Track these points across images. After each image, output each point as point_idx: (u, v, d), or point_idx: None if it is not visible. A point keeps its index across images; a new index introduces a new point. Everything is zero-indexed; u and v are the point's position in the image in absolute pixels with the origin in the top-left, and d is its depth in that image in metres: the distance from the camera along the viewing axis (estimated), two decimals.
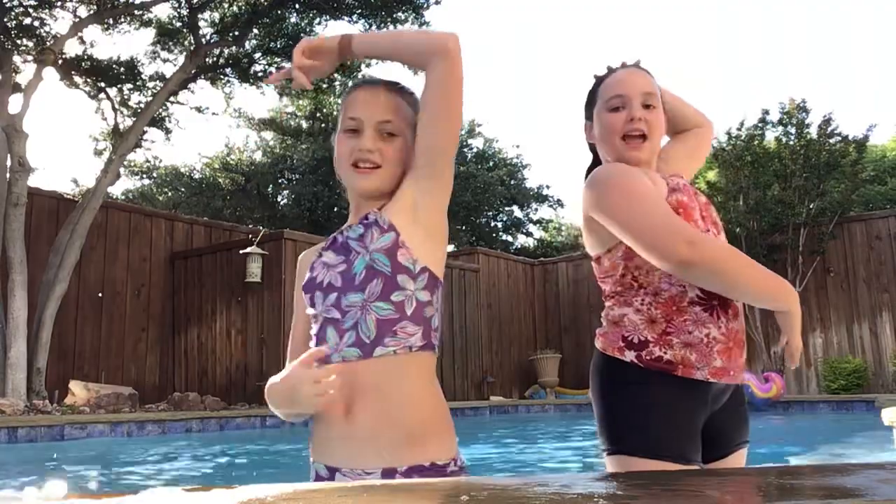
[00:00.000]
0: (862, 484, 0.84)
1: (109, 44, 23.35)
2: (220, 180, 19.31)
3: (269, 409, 1.49)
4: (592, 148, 1.88)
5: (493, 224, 20.87)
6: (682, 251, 1.50)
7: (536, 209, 21.20)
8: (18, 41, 9.98)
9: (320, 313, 1.48)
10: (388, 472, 1.34)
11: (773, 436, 7.30)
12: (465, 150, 20.80)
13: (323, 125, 18.32)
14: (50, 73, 10.05)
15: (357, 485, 0.91)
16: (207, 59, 11.35)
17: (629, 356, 1.62)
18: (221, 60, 11.78)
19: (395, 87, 1.58)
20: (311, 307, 1.50)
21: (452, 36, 1.44)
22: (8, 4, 9.66)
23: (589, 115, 1.85)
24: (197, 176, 19.70)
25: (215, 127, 49.46)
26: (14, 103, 9.06)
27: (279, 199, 19.76)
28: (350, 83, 1.76)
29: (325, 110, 17.52)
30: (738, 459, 1.69)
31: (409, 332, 1.42)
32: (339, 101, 1.71)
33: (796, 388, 11.76)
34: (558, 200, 20.99)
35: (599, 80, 1.83)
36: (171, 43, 11.48)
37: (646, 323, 1.62)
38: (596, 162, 1.87)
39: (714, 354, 1.61)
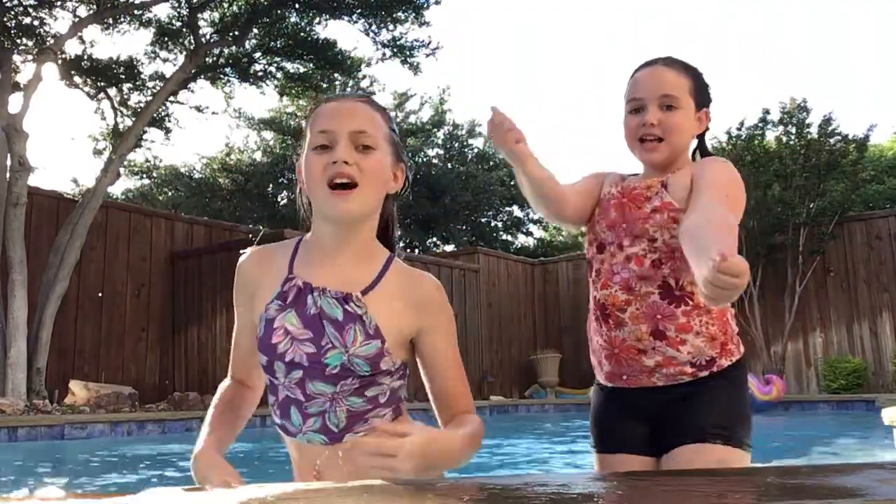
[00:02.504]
0: (862, 484, 0.84)
1: (109, 44, 23.35)
2: (219, 180, 19.30)
3: (268, 409, 1.47)
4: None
5: (493, 224, 20.87)
6: None
7: None
8: (18, 41, 9.97)
9: (280, 385, 1.38)
10: None
11: (774, 436, 7.30)
12: (466, 150, 20.80)
13: None
14: (50, 72, 10.05)
15: (357, 485, 0.91)
16: (207, 59, 11.34)
17: None
18: (221, 60, 11.77)
19: (367, 100, 1.42)
20: (268, 372, 1.38)
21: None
22: (8, 4, 9.66)
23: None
24: (197, 176, 19.70)
25: (215, 127, 49.44)
26: (14, 103, 9.07)
27: (279, 199, 19.75)
28: (350, 83, 1.55)
29: None
30: (697, 453, 1.62)
31: (381, 416, 1.37)
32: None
33: (796, 388, 11.75)
34: None
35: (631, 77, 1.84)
36: (170, 43, 11.47)
37: None
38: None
39: (603, 360, 1.75)
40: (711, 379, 1.67)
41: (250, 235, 10.31)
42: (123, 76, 11.24)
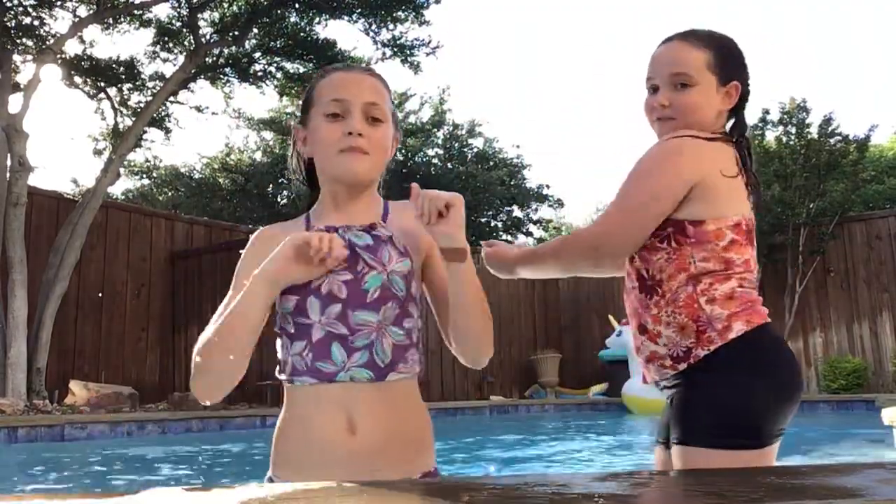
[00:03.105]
0: (862, 484, 0.84)
1: (109, 44, 23.33)
2: (219, 180, 19.30)
3: (269, 409, 1.47)
4: None
5: (493, 224, 20.85)
6: None
7: (536, 209, 21.18)
8: (18, 41, 9.97)
9: (316, 324, 1.36)
10: None
11: None
12: (466, 150, 20.79)
13: None
14: (50, 72, 10.06)
15: (357, 485, 0.91)
16: (207, 59, 11.35)
17: None
18: (221, 60, 11.77)
19: (374, 72, 1.49)
20: (297, 314, 1.38)
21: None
22: (8, 4, 9.66)
23: None
24: (197, 176, 19.70)
25: (215, 127, 49.51)
26: (14, 103, 9.07)
27: (279, 199, 19.75)
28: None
29: None
30: (675, 456, 1.60)
31: (416, 360, 1.41)
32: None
33: None
34: (558, 200, 20.96)
35: None
36: (170, 43, 11.48)
37: None
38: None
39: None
40: (690, 371, 1.59)
41: (250, 235, 10.30)
42: (123, 76, 11.25)
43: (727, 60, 1.69)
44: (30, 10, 10.05)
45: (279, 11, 11.18)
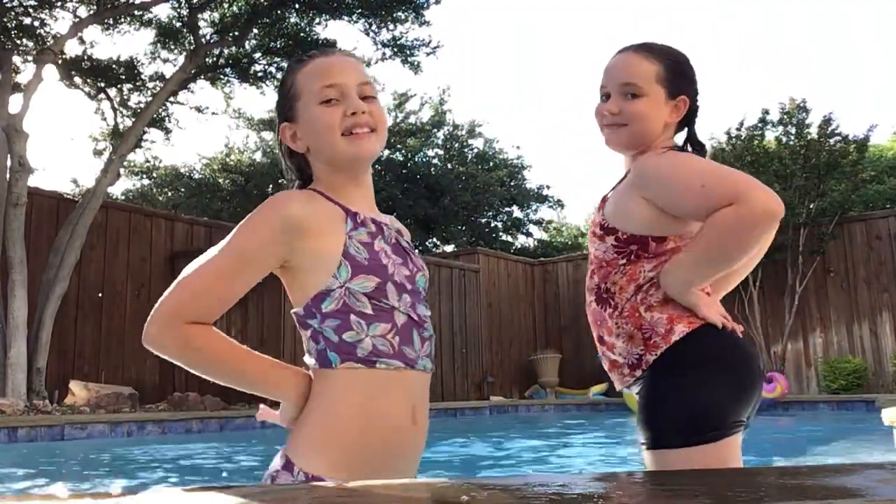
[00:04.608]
0: (862, 484, 0.84)
1: (109, 44, 23.34)
2: (219, 181, 19.30)
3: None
4: None
5: (493, 224, 20.86)
6: None
7: (536, 209, 21.19)
8: (18, 41, 9.97)
9: (397, 310, 1.34)
10: None
11: (773, 436, 7.30)
12: (466, 150, 20.78)
13: None
14: (50, 73, 10.06)
15: (357, 484, 0.91)
16: (207, 59, 11.35)
17: None
18: (221, 60, 11.78)
19: (352, 53, 1.52)
20: (377, 296, 1.32)
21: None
22: (8, 4, 9.66)
23: None
24: (197, 176, 19.70)
25: (215, 127, 49.45)
26: (14, 103, 9.07)
27: None
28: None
29: None
30: (646, 460, 1.62)
31: None
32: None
33: (796, 388, 11.76)
34: (558, 201, 20.97)
35: None
36: (170, 43, 11.48)
37: None
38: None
39: None
40: (645, 378, 1.64)
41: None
42: (123, 76, 11.25)
43: (677, 75, 1.74)
44: (30, 10, 10.05)
45: (279, 12, 11.18)
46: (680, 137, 1.81)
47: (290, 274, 1.39)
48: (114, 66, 11.11)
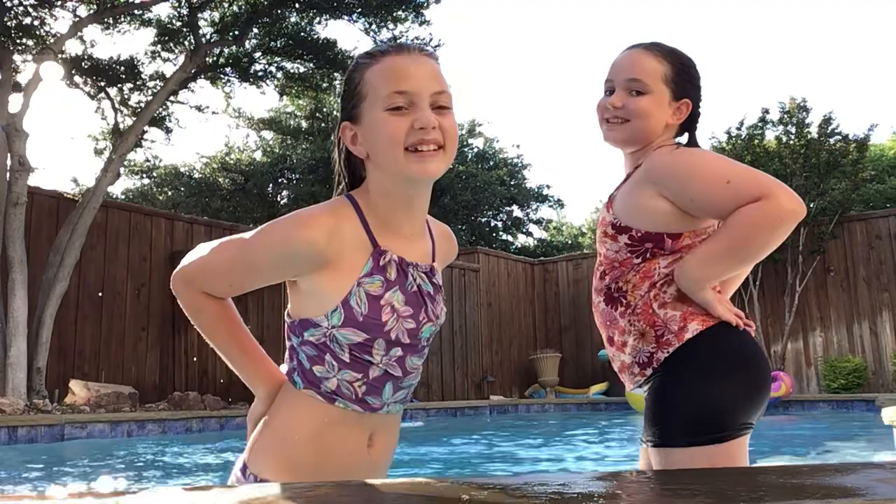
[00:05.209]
0: (861, 484, 0.84)
1: (109, 43, 23.38)
2: (219, 180, 19.30)
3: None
4: None
5: (493, 224, 20.87)
6: None
7: (537, 209, 21.20)
8: (18, 41, 9.97)
9: (376, 365, 1.33)
10: None
11: (774, 436, 7.30)
12: (466, 149, 20.78)
13: (323, 125, 18.34)
14: (50, 72, 10.04)
15: (357, 484, 0.91)
16: (207, 59, 11.35)
17: None
18: (221, 60, 11.78)
19: (433, 54, 1.33)
20: (360, 350, 1.31)
21: None
22: (8, 4, 9.66)
23: None
24: (196, 176, 19.70)
25: (215, 127, 49.51)
26: (14, 103, 9.06)
27: (279, 199, 19.75)
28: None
29: (324, 110, 17.52)
30: (651, 458, 1.62)
31: None
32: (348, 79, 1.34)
33: (797, 388, 11.75)
34: (558, 200, 20.98)
35: None
36: (171, 42, 11.48)
37: None
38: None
39: None
40: (656, 376, 1.63)
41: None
42: (124, 76, 11.24)
43: (683, 78, 1.74)
44: (30, 9, 10.05)
45: (279, 11, 11.18)
46: (680, 141, 1.81)
47: (293, 286, 1.39)
48: (114, 65, 11.11)
